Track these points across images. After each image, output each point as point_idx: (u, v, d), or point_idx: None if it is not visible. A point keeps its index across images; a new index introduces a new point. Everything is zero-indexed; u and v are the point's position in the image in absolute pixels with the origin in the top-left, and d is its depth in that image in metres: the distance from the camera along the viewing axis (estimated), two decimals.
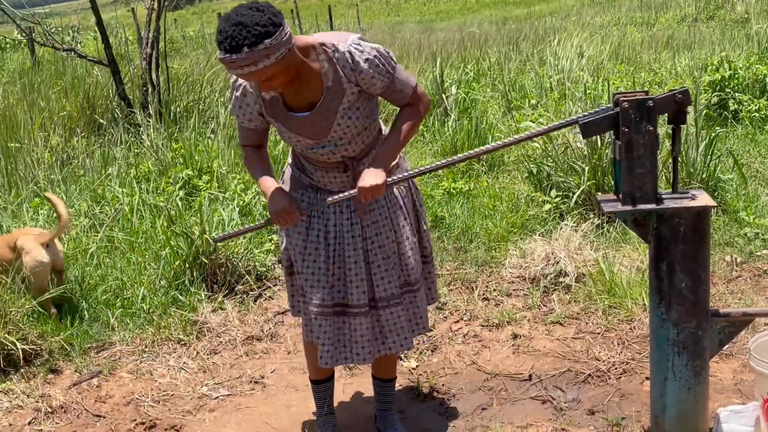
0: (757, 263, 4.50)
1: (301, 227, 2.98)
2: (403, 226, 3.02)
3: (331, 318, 2.99)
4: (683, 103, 2.71)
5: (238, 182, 5.73)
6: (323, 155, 2.88)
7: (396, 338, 3.05)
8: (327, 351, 3.01)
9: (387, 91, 2.83)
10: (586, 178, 5.24)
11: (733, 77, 7.29)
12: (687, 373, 2.87)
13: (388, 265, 3.00)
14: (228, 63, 2.57)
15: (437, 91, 7.96)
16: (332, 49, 2.75)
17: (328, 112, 2.79)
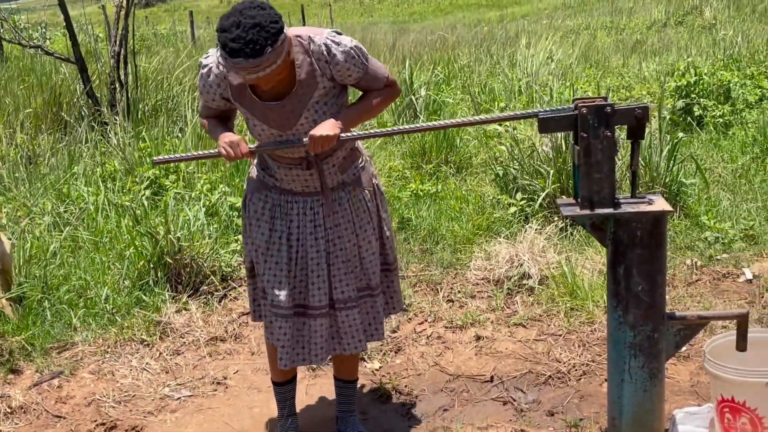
0: (716, 267, 4.57)
1: (263, 228, 2.99)
2: (365, 230, 3.03)
3: (292, 319, 3.00)
4: (642, 118, 2.75)
5: (205, 182, 5.71)
6: (286, 149, 2.88)
7: (351, 340, 3.06)
8: (287, 353, 3.01)
9: (361, 81, 2.89)
10: (551, 181, 5.29)
11: (698, 83, 7.39)
12: (643, 375, 2.91)
13: (348, 268, 3.01)
14: (251, 68, 2.58)
15: (407, 93, 7.98)
16: (307, 41, 2.78)
17: (298, 104, 2.80)
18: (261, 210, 3.00)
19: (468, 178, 6.42)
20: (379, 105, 2.96)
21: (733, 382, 2.79)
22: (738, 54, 9.15)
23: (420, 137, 6.99)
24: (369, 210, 3.06)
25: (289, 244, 2.97)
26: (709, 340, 3.01)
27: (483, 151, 6.74)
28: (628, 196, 2.89)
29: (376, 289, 3.09)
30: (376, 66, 2.93)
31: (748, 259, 4.61)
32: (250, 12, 2.56)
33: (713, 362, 2.85)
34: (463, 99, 8.77)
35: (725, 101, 7.37)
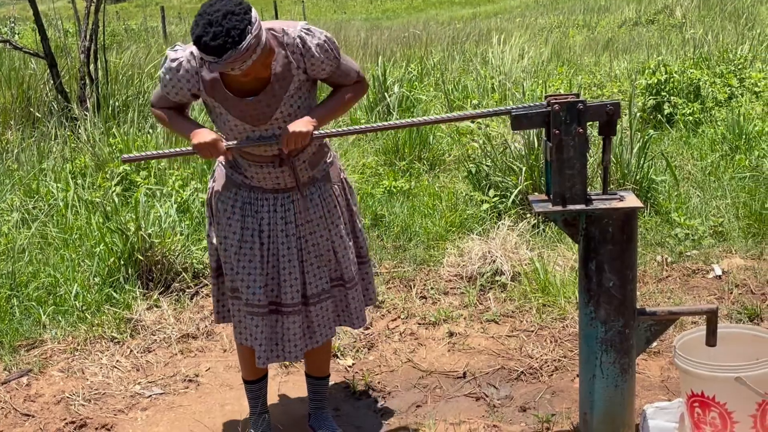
0: (686, 263, 4.62)
1: (235, 227, 2.97)
2: (337, 225, 3.03)
3: (267, 317, 2.98)
4: (613, 114, 2.77)
5: (176, 178, 5.67)
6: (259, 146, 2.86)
7: (323, 330, 3.07)
8: (264, 351, 3.00)
9: (332, 76, 2.89)
10: (524, 178, 5.31)
11: (668, 81, 7.46)
12: (614, 370, 2.93)
13: (321, 262, 3.00)
14: (236, 59, 2.56)
15: (380, 90, 7.98)
16: (281, 34, 2.76)
17: (273, 98, 2.79)
18: (231, 208, 2.98)
19: (441, 175, 6.43)
20: (349, 101, 2.97)
21: (702, 377, 2.82)
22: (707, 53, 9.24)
23: (393, 134, 6.99)
24: (339, 204, 3.06)
25: (261, 242, 2.96)
26: (679, 335, 3.04)
27: (456, 148, 6.75)
28: (599, 193, 2.91)
29: (350, 282, 3.08)
30: (348, 61, 2.94)
31: (718, 256, 4.66)
32: (214, 8, 2.55)
33: (683, 357, 2.88)
34: (437, 96, 8.78)
35: (695, 99, 7.44)
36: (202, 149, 2.81)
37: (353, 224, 3.14)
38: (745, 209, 5.11)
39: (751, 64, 8.59)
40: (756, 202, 5.14)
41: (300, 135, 2.76)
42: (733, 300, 4.16)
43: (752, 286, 4.28)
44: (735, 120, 6.54)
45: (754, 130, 6.33)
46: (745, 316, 3.96)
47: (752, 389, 2.74)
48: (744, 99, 7.39)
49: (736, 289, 4.27)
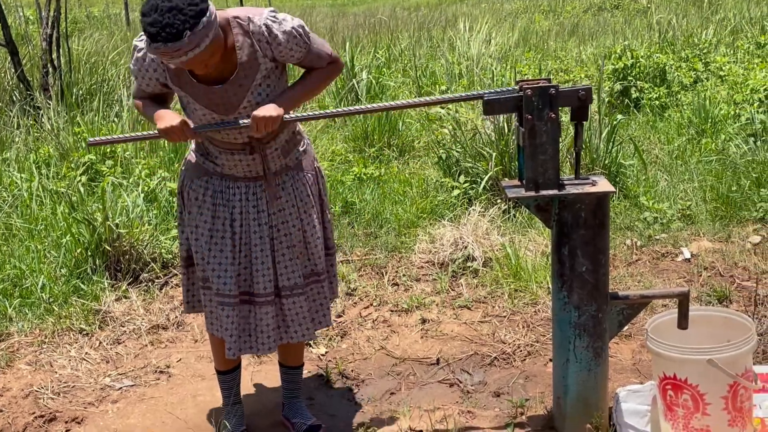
0: (655, 247, 4.66)
1: (206, 216, 2.93)
2: (310, 215, 3.00)
3: (238, 307, 2.95)
4: (586, 99, 2.77)
5: (143, 167, 5.59)
6: (229, 134, 2.83)
7: (298, 328, 3.03)
8: (235, 342, 2.97)
9: (304, 60, 2.85)
10: (494, 164, 5.31)
11: (634, 66, 7.50)
12: (587, 354, 2.95)
13: (293, 254, 2.97)
14: (171, 53, 2.51)
15: (348, 77, 7.93)
16: (247, 22, 2.72)
17: (240, 87, 2.75)
18: (202, 197, 2.94)
19: (411, 162, 6.42)
20: (322, 83, 2.93)
21: (674, 360, 2.84)
22: (673, 37, 9.31)
23: (362, 121, 6.95)
24: (312, 194, 3.03)
25: (233, 231, 2.92)
26: (651, 318, 3.05)
27: (426, 134, 6.74)
28: (571, 178, 2.92)
29: (322, 275, 3.06)
30: (319, 44, 2.89)
31: (686, 239, 4.71)
32: None
33: (655, 340, 2.89)
34: (405, 82, 8.75)
35: (661, 84, 7.49)
36: (169, 133, 2.76)
37: (323, 214, 3.11)
38: (712, 192, 5.17)
39: (716, 49, 8.68)
40: (723, 185, 5.19)
41: (269, 119, 2.72)
42: (703, 282, 4.20)
43: (720, 269, 4.33)
44: (701, 104, 6.60)
45: (719, 114, 6.40)
46: (715, 299, 4.00)
47: (724, 371, 2.76)
48: (709, 83, 7.47)
49: (705, 271, 4.32)
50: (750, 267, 4.30)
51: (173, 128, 2.75)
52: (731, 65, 7.66)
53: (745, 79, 6.76)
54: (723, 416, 2.84)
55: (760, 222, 4.79)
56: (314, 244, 3.01)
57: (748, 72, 7.02)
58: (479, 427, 3.17)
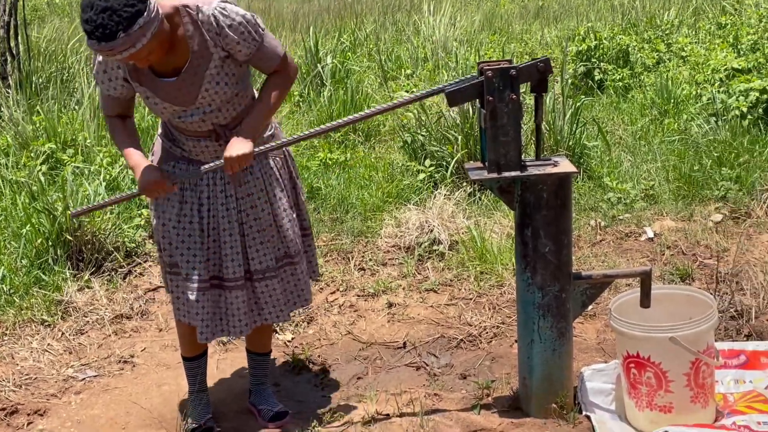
0: (619, 227, 4.69)
1: (174, 201, 2.90)
2: (279, 198, 2.97)
3: (208, 292, 2.93)
4: (545, 71, 2.77)
5: (105, 155, 5.51)
6: (193, 123, 2.80)
7: (272, 309, 3.02)
8: (207, 326, 2.95)
9: (253, 58, 2.77)
10: (459, 147, 5.31)
11: (598, 47, 7.53)
12: (552, 335, 2.96)
13: (264, 237, 2.95)
14: (106, 51, 2.48)
15: (312, 61, 7.87)
16: (195, 11, 2.67)
17: (195, 77, 2.71)
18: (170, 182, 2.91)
19: (377, 146, 6.40)
20: (279, 98, 2.84)
21: (637, 338, 2.86)
22: (635, 19, 9.37)
23: (327, 106, 6.92)
24: (281, 177, 3.00)
25: (201, 216, 2.90)
26: (615, 298, 3.08)
27: (391, 118, 6.72)
28: (533, 159, 2.92)
29: (296, 257, 3.04)
30: (272, 43, 2.79)
31: (649, 218, 4.74)
32: None
33: (619, 319, 2.92)
34: (370, 67, 8.71)
35: (624, 65, 7.53)
36: (149, 191, 2.79)
37: (297, 197, 3.09)
38: (674, 172, 5.21)
39: (678, 30, 8.74)
40: (685, 165, 5.24)
41: (242, 158, 2.73)
42: (665, 261, 4.24)
43: (683, 247, 4.37)
44: (663, 84, 6.65)
45: (681, 94, 6.45)
46: (677, 277, 4.04)
47: (686, 348, 2.79)
48: (671, 64, 7.52)
49: (668, 250, 4.36)
50: (712, 245, 4.34)
51: (151, 184, 2.76)
52: (693, 46, 7.72)
53: (706, 60, 6.82)
54: (686, 393, 2.87)
55: (721, 200, 4.85)
56: (286, 227, 2.99)
57: (710, 52, 7.08)
58: (446, 409, 3.17)
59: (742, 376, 3.22)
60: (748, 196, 4.82)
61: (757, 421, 2.88)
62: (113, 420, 3.28)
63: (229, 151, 2.73)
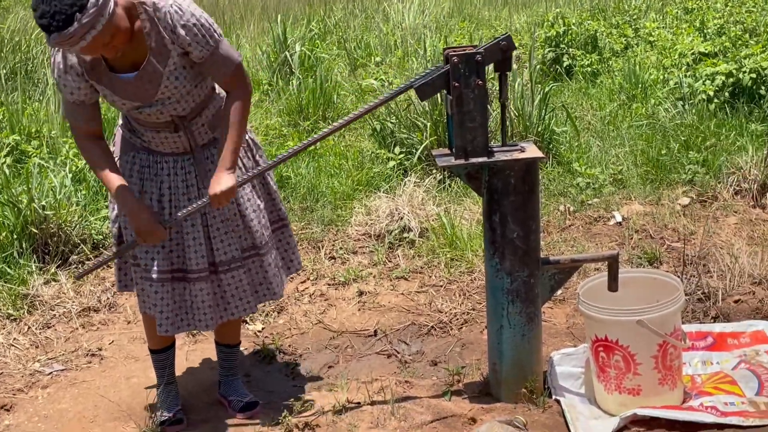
0: (588, 211, 4.71)
1: (135, 191, 2.86)
2: (244, 187, 2.94)
3: (170, 284, 2.90)
4: (508, 48, 2.76)
5: (71, 147, 5.43)
6: (151, 115, 2.76)
7: (239, 303, 2.99)
8: (166, 318, 2.92)
9: (206, 63, 2.70)
10: (428, 134, 5.30)
11: (567, 33, 7.54)
12: (521, 320, 2.97)
13: (228, 228, 2.92)
14: (67, 40, 2.41)
15: (280, 49, 7.81)
16: (152, 8, 2.61)
17: (153, 74, 2.66)
18: (129, 172, 2.87)
19: (346, 134, 6.36)
20: (243, 117, 2.77)
21: (605, 322, 2.88)
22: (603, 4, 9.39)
23: (296, 94, 6.87)
24: (245, 166, 2.97)
25: (162, 206, 2.86)
26: (583, 282, 3.09)
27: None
28: (500, 145, 2.91)
29: (264, 248, 3.01)
30: (228, 51, 2.72)
31: (618, 203, 4.77)
32: None
33: (587, 303, 2.93)
34: (340, 54, 8.67)
35: (593, 50, 7.55)
36: (147, 237, 2.76)
37: (266, 186, 3.06)
38: (642, 156, 5.24)
39: (645, 14, 8.78)
40: (653, 149, 5.27)
41: (225, 194, 2.73)
42: (634, 245, 4.27)
43: (651, 231, 4.40)
44: (631, 69, 6.67)
45: (649, 79, 6.48)
46: (645, 260, 4.07)
47: (653, 331, 2.81)
48: (639, 49, 7.55)
49: (636, 234, 4.39)
50: (679, 228, 4.38)
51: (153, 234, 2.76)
52: (660, 31, 7.76)
53: (673, 44, 6.86)
54: (653, 375, 2.89)
55: (688, 184, 4.89)
56: (251, 218, 2.96)
57: (677, 37, 7.12)
58: (417, 396, 3.17)
59: (709, 358, 3.26)
60: (714, 180, 4.86)
61: (724, 401, 2.91)
62: (81, 414, 3.24)
63: (213, 189, 2.73)
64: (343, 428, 3.01)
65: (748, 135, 5.28)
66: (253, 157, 3.03)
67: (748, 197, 4.67)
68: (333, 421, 3.05)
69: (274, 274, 3.06)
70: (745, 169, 4.76)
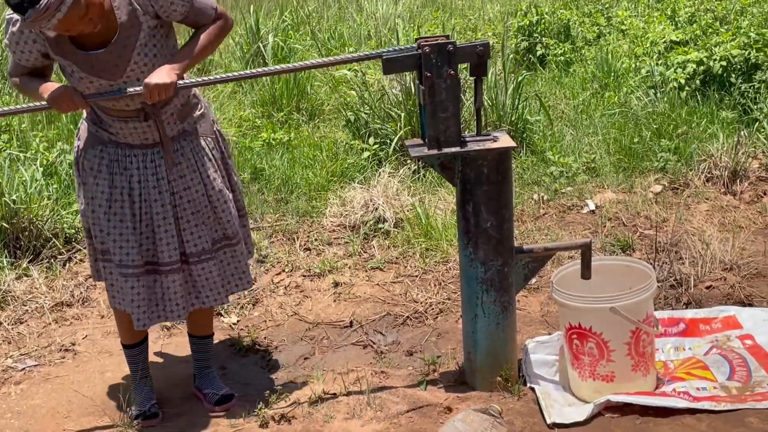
0: (561, 200, 4.73)
1: (103, 186, 2.84)
2: (214, 179, 2.93)
3: (143, 278, 2.88)
4: (483, 55, 2.77)
5: (41, 140, 5.38)
6: (120, 101, 2.73)
7: (209, 293, 2.99)
8: (143, 312, 2.90)
9: (188, 16, 2.74)
10: (403, 124, 5.30)
11: (540, 22, 7.56)
12: (495, 309, 2.98)
13: (198, 219, 2.91)
14: (42, 14, 2.41)
15: (253, 40, 7.77)
16: None
17: (124, 49, 2.65)
18: (98, 166, 2.85)
19: (321, 125, 6.35)
20: (212, 42, 2.81)
21: (579, 310, 2.90)
22: None
23: (270, 85, 6.83)
24: (214, 157, 2.96)
25: (132, 200, 2.84)
26: (557, 270, 3.11)
27: (334, 97, 6.67)
28: (474, 135, 2.92)
29: (235, 238, 3.00)
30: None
31: (591, 191, 4.80)
32: None
33: (560, 291, 2.95)
34: (313, 45, 8.63)
35: (566, 39, 7.58)
36: (58, 101, 2.68)
37: (230, 177, 3.05)
38: (615, 145, 5.27)
39: (617, 3, 8.81)
40: (625, 138, 5.30)
41: (163, 86, 2.65)
42: (607, 233, 4.30)
43: (624, 219, 4.43)
44: (603, 58, 6.70)
45: (621, 68, 6.51)
46: (618, 248, 4.10)
47: (626, 318, 2.83)
48: (611, 37, 7.58)
49: (609, 222, 4.42)
50: (651, 216, 4.41)
51: (60, 96, 2.65)
52: (632, 19, 7.79)
53: (645, 33, 6.89)
54: (627, 362, 2.92)
55: (660, 172, 4.92)
56: (221, 209, 2.95)
57: (648, 25, 7.16)
58: (392, 386, 3.18)
59: (681, 344, 3.29)
60: (686, 167, 4.90)
61: (696, 386, 2.95)
62: (55, 409, 3.22)
63: (151, 78, 2.65)
64: (319, 419, 3.01)
65: (718, 122, 5.33)
66: (220, 149, 3.02)
67: (719, 184, 4.72)
68: (309, 413, 3.05)
69: (245, 264, 3.06)
70: (716, 156, 4.81)
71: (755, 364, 3.07)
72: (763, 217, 4.38)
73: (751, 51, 5.61)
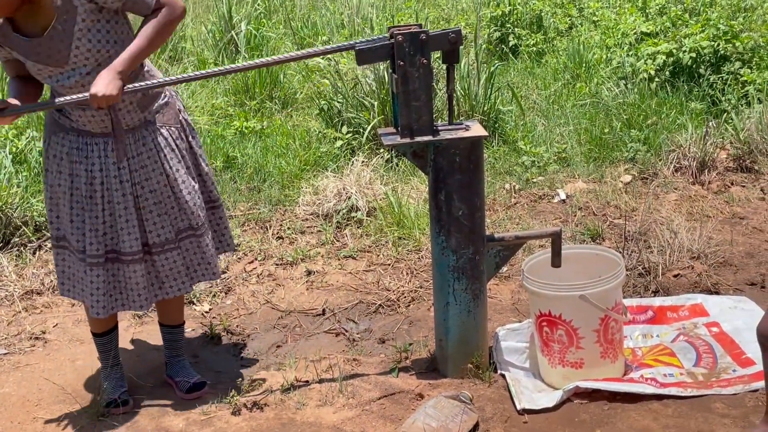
0: (533, 189, 4.77)
1: (64, 174, 2.82)
2: (177, 170, 2.91)
3: (103, 266, 2.86)
4: (456, 42, 2.78)
5: (10, 127, 5.31)
6: (73, 89, 2.70)
7: (173, 283, 2.98)
8: (97, 301, 2.89)
9: (126, 4, 2.67)
10: (376, 113, 5.31)
11: (512, 13, 7.59)
12: (467, 297, 3.01)
13: (161, 210, 2.89)
14: None
15: (226, 28, 7.72)
16: None
17: (63, 34, 2.62)
18: (60, 154, 2.83)
19: (294, 114, 6.34)
20: (159, 33, 2.70)
21: (549, 297, 2.93)
22: None
23: (242, 74, 6.80)
24: (178, 147, 2.93)
25: (93, 189, 2.81)
26: (527, 259, 3.14)
27: (307, 86, 6.66)
28: (446, 123, 2.94)
29: (200, 229, 2.99)
30: None
31: (562, 181, 4.84)
32: None
33: (531, 279, 2.98)
34: (286, 34, 8.60)
35: (538, 30, 7.62)
36: None
37: (198, 167, 3.03)
38: (586, 135, 5.32)
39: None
40: (596, 128, 5.35)
41: (106, 98, 2.59)
42: (577, 222, 4.35)
43: (594, 208, 4.48)
44: (575, 49, 6.75)
45: (593, 59, 6.57)
46: (588, 237, 4.15)
47: (595, 305, 2.87)
48: (583, 28, 7.63)
49: (580, 211, 4.46)
50: (621, 205, 4.46)
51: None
52: (604, 10, 7.85)
53: (616, 24, 6.95)
54: (595, 349, 2.96)
55: (630, 162, 4.98)
56: (185, 199, 2.93)
57: (619, 17, 7.21)
58: (365, 374, 3.20)
59: (649, 331, 3.34)
60: (655, 157, 4.96)
61: (663, 373, 3.00)
62: (25, 397, 3.20)
63: (95, 88, 2.59)
64: (292, 406, 3.02)
65: (687, 113, 5.39)
66: (186, 139, 2.99)
67: (687, 174, 4.78)
68: (281, 400, 3.06)
69: (212, 255, 3.05)
70: (684, 146, 4.87)
71: (721, 351, 3.12)
72: (729, 207, 4.45)
73: (720, 43, 5.68)
